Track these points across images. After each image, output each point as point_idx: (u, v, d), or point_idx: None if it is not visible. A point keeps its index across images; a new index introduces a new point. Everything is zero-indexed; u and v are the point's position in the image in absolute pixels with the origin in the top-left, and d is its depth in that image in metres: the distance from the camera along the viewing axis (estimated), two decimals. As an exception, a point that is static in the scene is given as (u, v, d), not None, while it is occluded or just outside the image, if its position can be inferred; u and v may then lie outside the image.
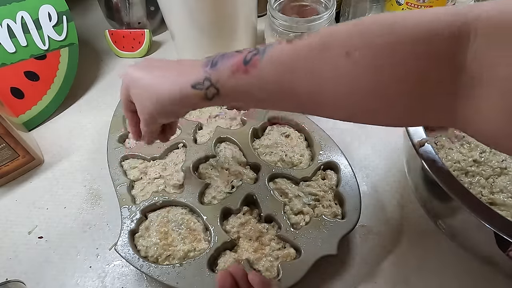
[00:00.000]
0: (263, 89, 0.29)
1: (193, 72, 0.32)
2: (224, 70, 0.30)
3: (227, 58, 0.30)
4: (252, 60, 0.29)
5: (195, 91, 0.31)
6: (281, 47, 0.28)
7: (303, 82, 0.28)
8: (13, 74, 0.61)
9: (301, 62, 0.27)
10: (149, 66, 0.36)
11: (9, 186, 0.57)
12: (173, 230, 0.46)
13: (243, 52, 0.30)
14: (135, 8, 0.74)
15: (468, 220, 0.37)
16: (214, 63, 0.31)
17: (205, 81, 0.31)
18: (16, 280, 0.44)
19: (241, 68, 0.29)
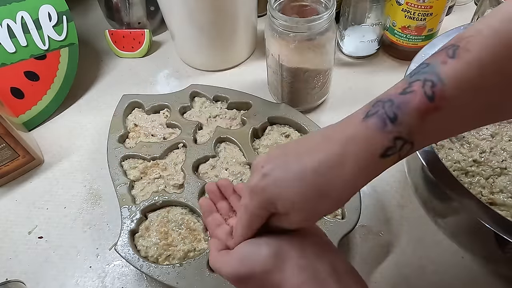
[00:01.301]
0: (459, 117, 0.25)
1: (368, 141, 0.25)
2: (412, 119, 0.24)
3: (403, 104, 0.24)
4: (436, 92, 0.23)
5: (386, 160, 0.25)
6: (453, 66, 0.24)
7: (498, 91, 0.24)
8: (13, 74, 0.61)
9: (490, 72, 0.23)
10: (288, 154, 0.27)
11: (9, 186, 0.57)
12: (173, 230, 0.46)
13: (415, 89, 0.24)
14: (135, 8, 0.74)
15: (468, 220, 0.37)
16: (392, 117, 0.24)
17: (396, 142, 0.24)
18: (16, 280, 0.44)
19: (430, 107, 0.24)
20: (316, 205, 0.26)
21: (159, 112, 0.60)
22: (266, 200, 0.27)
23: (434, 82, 0.24)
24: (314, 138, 0.27)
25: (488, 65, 0.23)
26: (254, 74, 0.70)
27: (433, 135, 0.26)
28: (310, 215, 0.27)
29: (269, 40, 0.55)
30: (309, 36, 0.52)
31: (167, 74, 0.72)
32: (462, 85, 0.24)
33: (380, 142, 0.24)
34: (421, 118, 0.24)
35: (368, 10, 0.62)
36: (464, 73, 0.23)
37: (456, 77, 0.23)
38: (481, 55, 0.23)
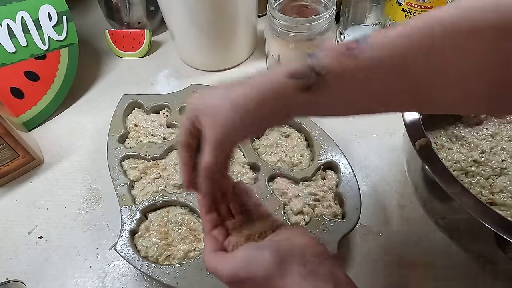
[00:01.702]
0: (373, 77, 0.26)
1: (283, 68, 0.27)
2: (327, 56, 0.26)
3: (326, 49, 0.27)
4: (359, 46, 0.26)
5: (294, 82, 0.27)
6: (383, 34, 0.26)
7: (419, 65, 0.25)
8: (13, 74, 0.61)
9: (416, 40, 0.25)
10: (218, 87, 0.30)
11: (9, 186, 0.57)
12: (173, 230, 0.46)
13: (343, 44, 0.26)
14: (135, 8, 0.74)
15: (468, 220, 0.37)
16: (311, 54, 0.27)
17: (306, 69, 0.26)
18: (16, 280, 0.44)
19: (346, 53, 0.26)
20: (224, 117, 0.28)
21: (159, 112, 0.60)
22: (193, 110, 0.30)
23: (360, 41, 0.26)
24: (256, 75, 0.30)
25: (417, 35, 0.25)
26: (254, 74, 0.70)
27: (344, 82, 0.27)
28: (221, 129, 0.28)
29: (269, 40, 0.55)
30: (309, 36, 0.52)
31: (167, 74, 0.72)
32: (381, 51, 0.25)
33: (293, 66, 0.27)
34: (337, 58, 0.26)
35: (368, 10, 0.62)
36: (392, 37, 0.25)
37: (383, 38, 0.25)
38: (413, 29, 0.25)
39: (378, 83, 0.26)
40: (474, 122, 0.52)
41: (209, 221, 0.35)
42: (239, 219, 0.36)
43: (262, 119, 0.29)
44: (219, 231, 0.34)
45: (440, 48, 0.25)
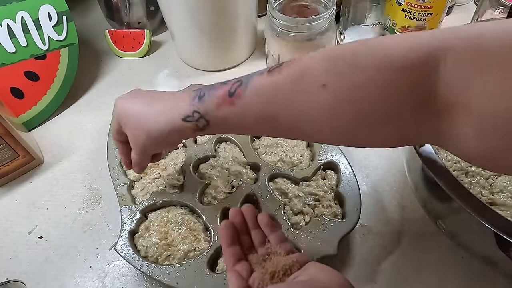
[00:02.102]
0: (248, 118, 0.31)
1: (182, 106, 0.33)
2: (211, 103, 0.32)
3: (213, 90, 0.32)
4: (236, 91, 0.30)
5: (186, 124, 0.33)
6: (263, 78, 0.29)
7: (284, 112, 0.29)
8: (13, 74, 0.61)
9: (281, 94, 0.29)
10: (138, 97, 0.37)
11: (9, 186, 0.57)
12: (173, 230, 0.46)
13: (229, 83, 0.31)
14: (135, 8, 0.74)
15: (468, 220, 0.37)
16: (201, 95, 0.33)
17: (194, 113, 0.33)
18: (16, 280, 0.44)
19: (226, 100, 0.31)
20: (139, 136, 0.36)
21: (159, 112, 0.60)
22: (116, 115, 0.38)
23: (242, 84, 0.30)
24: (167, 93, 0.37)
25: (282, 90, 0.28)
26: (254, 74, 0.70)
27: (225, 123, 0.32)
28: (138, 144, 0.38)
29: (269, 40, 0.55)
30: (309, 36, 0.52)
31: (167, 74, 0.72)
32: (257, 96, 0.30)
33: (185, 109, 0.33)
34: (218, 105, 0.31)
35: (368, 10, 0.62)
36: (263, 88, 0.29)
37: (256, 87, 0.30)
38: (282, 80, 0.28)
39: (250, 121, 0.31)
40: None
41: (232, 255, 0.35)
42: (263, 253, 0.35)
43: (168, 144, 0.41)
44: (243, 266, 0.34)
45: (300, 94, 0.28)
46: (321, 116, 0.28)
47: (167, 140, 0.36)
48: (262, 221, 0.37)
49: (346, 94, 0.26)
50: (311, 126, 0.29)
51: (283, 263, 0.33)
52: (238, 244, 0.36)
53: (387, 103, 0.25)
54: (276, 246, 0.36)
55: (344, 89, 0.26)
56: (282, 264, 0.33)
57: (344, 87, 0.26)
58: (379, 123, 0.27)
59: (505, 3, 0.58)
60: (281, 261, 0.34)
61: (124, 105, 0.37)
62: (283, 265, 0.33)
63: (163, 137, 0.35)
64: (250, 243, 0.37)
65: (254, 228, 0.37)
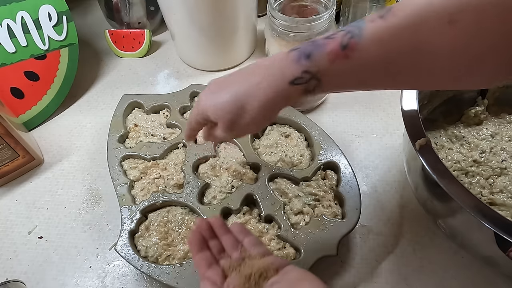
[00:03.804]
0: (365, 70, 0.28)
1: (285, 69, 0.30)
2: (322, 59, 0.29)
3: (320, 46, 0.29)
4: (350, 43, 0.28)
5: (295, 87, 0.30)
6: (376, 25, 0.27)
7: (407, 56, 0.27)
8: (13, 74, 0.61)
9: (403, 38, 0.26)
10: (224, 82, 0.35)
11: (9, 186, 0.57)
12: (173, 230, 0.46)
13: (336, 37, 0.28)
14: (135, 8, 0.74)
15: (468, 220, 0.37)
16: (307, 54, 0.29)
17: (304, 74, 0.29)
18: (16, 280, 0.44)
19: (340, 54, 0.28)
20: (236, 117, 0.33)
21: (159, 112, 0.60)
22: (202, 109, 0.36)
23: (354, 34, 0.27)
24: (253, 65, 0.34)
25: (403, 32, 0.26)
26: (254, 74, 0.70)
27: (339, 79, 0.30)
28: (233, 125, 0.34)
29: (269, 40, 0.55)
30: (309, 36, 0.52)
31: (167, 74, 0.72)
32: (375, 44, 0.27)
33: (291, 71, 0.30)
34: (330, 61, 0.28)
35: (368, 10, 0.62)
36: (381, 34, 0.27)
37: (373, 35, 0.27)
38: (401, 22, 0.26)
39: (367, 73, 0.29)
40: (474, 122, 0.52)
41: (202, 260, 0.34)
42: (236, 257, 0.34)
43: (273, 117, 0.34)
44: (215, 271, 0.33)
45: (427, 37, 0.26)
46: (446, 56, 0.26)
47: (271, 112, 0.33)
48: (234, 228, 0.36)
49: (474, 29, 0.24)
50: (432, 68, 0.27)
51: (259, 266, 0.32)
52: (208, 250, 0.35)
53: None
54: (251, 249, 0.34)
55: (472, 24, 0.24)
56: (257, 267, 0.32)
57: (473, 21, 0.24)
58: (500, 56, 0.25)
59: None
60: (256, 264, 0.32)
61: (213, 98, 0.34)
62: (258, 268, 0.31)
63: (268, 110, 0.32)
64: (221, 248, 0.35)
65: (223, 234, 0.36)
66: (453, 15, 0.24)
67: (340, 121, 0.61)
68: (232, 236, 0.36)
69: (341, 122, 0.60)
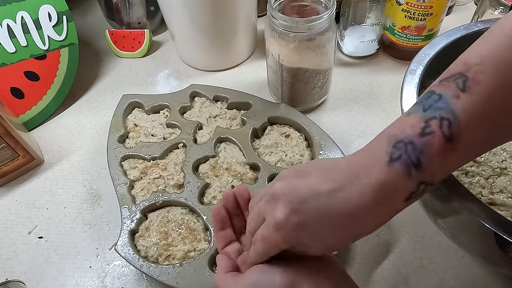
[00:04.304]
0: (473, 152, 0.26)
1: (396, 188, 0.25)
2: (433, 163, 0.25)
3: (427, 148, 0.24)
4: (453, 133, 0.24)
5: (410, 201, 0.26)
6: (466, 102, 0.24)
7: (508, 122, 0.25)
8: (13, 74, 0.61)
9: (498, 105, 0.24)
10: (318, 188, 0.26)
11: (9, 186, 0.57)
12: (173, 230, 0.46)
13: (433, 130, 0.24)
14: (135, 8, 0.74)
15: (468, 220, 0.37)
16: (416, 164, 0.25)
17: (420, 186, 0.25)
18: (16, 280, 0.44)
19: (449, 148, 0.24)
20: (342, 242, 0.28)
21: (159, 112, 0.60)
22: (293, 237, 0.27)
23: (451, 121, 0.24)
24: (340, 174, 0.27)
25: (497, 96, 0.24)
26: (254, 74, 0.70)
27: (450, 170, 0.27)
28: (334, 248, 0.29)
29: (269, 40, 0.55)
30: (309, 36, 0.52)
31: (167, 74, 0.72)
32: (476, 121, 0.24)
33: (406, 188, 0.25)
34: (442, 160, 0.25)
35: (368, 10, 0.62)
36: (478, 108, 0.24)
37: (470, 113, 0.24)
38: (490, 87, 0.24)
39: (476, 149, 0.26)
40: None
41: (223, 238, 0.34)
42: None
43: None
44: (232, 248, 0.34)
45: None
46: None
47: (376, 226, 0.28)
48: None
49: None
50: None
51: None
52: (230, 227, 0.35)
53: None
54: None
55: None
56: None
57: None
58: None
59: (505, 3, 0.58)
60: None
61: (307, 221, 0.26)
62: None
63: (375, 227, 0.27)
64: (244, 225, 0.35)
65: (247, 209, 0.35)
66: None
67: (340, 121, 0.61)
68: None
69: (341, 122, 0.60)
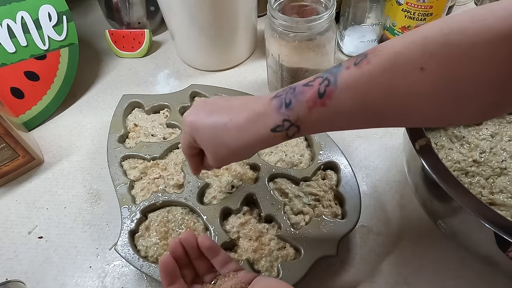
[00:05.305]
0: (341, 116, 0.29)
1: (267, 116, 0.31)
2: (301, 108, 0.30)
3: (299, 94, 0.30)
4: (327, 91, 0.28)
5: (275, 134, 0.31)
6: (352, 72, 0.28)
7: (380, 103, 0.28)
8: (13, 74, 0.61)
9: (376, 85, 0.27)
10: (208, 111, 0.35)
11: (9, 186, 0.57)
12: (173, 230, 0.46)
13: (314, 84, 0.29)
14: (135, 8, 0.74)
15: (468, 220, 0.37)
16: (287, 102, 0.30)
17: (284, 123, 0.31)
18: (16, 280, 0.44)
19: (317, 102, 0.29)
20: (220, 151, 0.34)
21: (159, 112, 0.60)
22: (189, 132, 0.36)
23: (330, 82, 0.28)
24: (237, 102, 0.34)
25: (378, 76, 0.27)
26: (254, 74, 0.70)
27: (317, 125, 0.31)
28: (218, 158, 0.35)
29: (269, 40, 0.55)
30: (309, 36, 0.52)
31: (167, 74, 0.72)
32: (350, 91, 0.28)
33: (273, 119, 0.31)
34: (308, 109, 0.29)
35: (368, 10, 0.62)
36: (355, 81, 0.28)
37: (348, 82, 0.28)
38: (374, 69, 0.27)
39: (344, 119, 0.30)
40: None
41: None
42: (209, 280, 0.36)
43: (251, 155, 0.36)
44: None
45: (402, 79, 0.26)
46: (421, 100, 0.27)
47: (252, 152, 0.35)
48: (203, 244, 0.37)
49: (445, 75, 0.25)
50: (409, 111, 0.28)
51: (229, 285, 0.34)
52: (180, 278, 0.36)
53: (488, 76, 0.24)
54: (221, 269, 0.36)
55: (442, 71, 0.25)
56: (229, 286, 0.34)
57: (441, 68, 0.25)
58: (480, 98, 0.26)
59: (505, 3, 0.58)
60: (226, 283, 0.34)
61: (196, 122, 0.35)
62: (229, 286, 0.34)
63: (248, 150, 0.34)
64: (194, 274, 0.37)
65: (196, 258, 0.37)
66: (422, 62, 0.25)
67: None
68: (204, 259, 0.37)
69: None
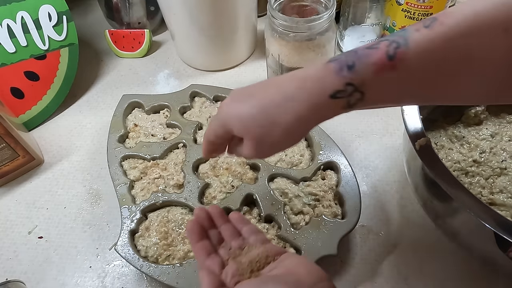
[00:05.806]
0: (414, 81, 0.27)
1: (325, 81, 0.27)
2: (367, 71, 0.26)
3: (365, 57, 0.27)
4: (397, 54, 0.26)
5: (335, 101, 0.27)
6: (423, 34, 0.25)
7: (458, 65, 0.26)
8: (13, 74, 0.61)
9: (454, 46, 0.25)
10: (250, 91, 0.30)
11: (9, 186, 0.57)
12: (173, 230, 0.46)
13: (380, 47, 0.26)
14: (135, 8, 0.74)
15: (468, 220, 0.37)
16: (350, 65, 0.27)
17: (347, 87, 0.27)
18: (16, 280, 0.44)
19: (386, 65, 0.26)
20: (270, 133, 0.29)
21: (159, 112, 0.60)
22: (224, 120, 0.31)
23: (400, 44, 0.26)
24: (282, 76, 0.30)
25: (456, 39, 0.25)
26: (254, 74, 0.70)
27: (384, 92, 0.27)
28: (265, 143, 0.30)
29: (269, 40, 0.55)
30: (309, 36, 0.52)
31: (167, 74, 0.72)
32: (424, 53, 0.25)
33: (332, 83, 0.27)
34: (376, 72, 0.26)
35: (368, 10, 0.62)
36: (430, 43, 0.25)
37: (421, 44, 0.25)
38: (451, 31, 0.25)
39: (415, 84, 0.27)
40: (474, 122, 0.52)
41: (202, 249, 0.33)
42: (236, 246, 0.34)
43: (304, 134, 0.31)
44: (214, 260, 0.32)
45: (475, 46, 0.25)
46: (498, 65, 0.25)
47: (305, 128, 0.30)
48: (233, 216, 0.36)
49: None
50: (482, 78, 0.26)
51: (257, 254, 0.31)
52: (207, 239, 0.34)
53: None
54: (250, 237, 0.34)
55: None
56: (255, 255, 0.31)
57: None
58: None
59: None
60: (254, 252, 0.32)
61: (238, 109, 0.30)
62: (255, 256, 0.31)
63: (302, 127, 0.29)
64: (220, 237, 0.35)
65: (222, 223, 0.36)
66: (506, 23, 0.24)
67: (340, 121, 0.61)
68: (231, 225, 0.36)
69: (341, 122, 0.60)
